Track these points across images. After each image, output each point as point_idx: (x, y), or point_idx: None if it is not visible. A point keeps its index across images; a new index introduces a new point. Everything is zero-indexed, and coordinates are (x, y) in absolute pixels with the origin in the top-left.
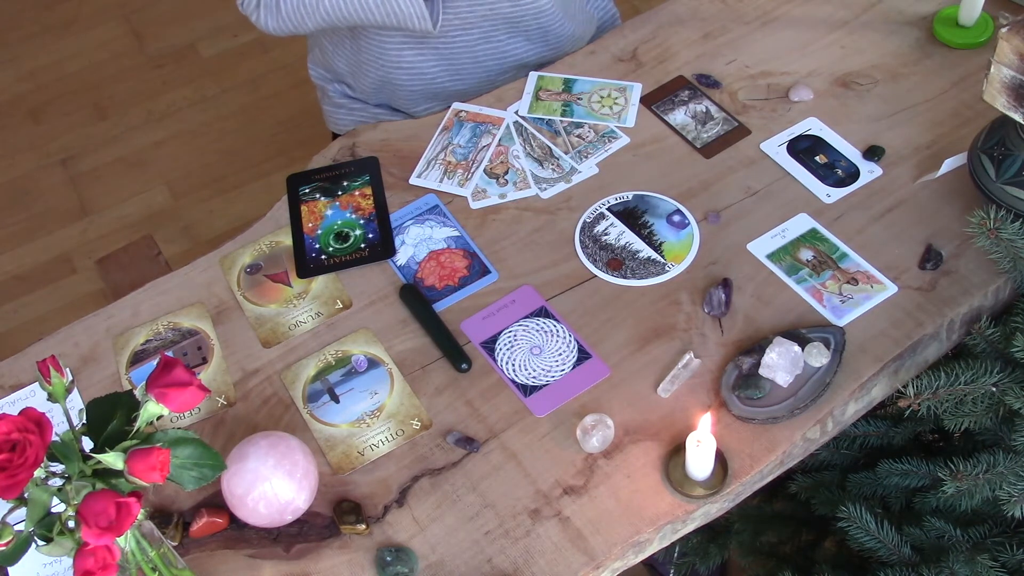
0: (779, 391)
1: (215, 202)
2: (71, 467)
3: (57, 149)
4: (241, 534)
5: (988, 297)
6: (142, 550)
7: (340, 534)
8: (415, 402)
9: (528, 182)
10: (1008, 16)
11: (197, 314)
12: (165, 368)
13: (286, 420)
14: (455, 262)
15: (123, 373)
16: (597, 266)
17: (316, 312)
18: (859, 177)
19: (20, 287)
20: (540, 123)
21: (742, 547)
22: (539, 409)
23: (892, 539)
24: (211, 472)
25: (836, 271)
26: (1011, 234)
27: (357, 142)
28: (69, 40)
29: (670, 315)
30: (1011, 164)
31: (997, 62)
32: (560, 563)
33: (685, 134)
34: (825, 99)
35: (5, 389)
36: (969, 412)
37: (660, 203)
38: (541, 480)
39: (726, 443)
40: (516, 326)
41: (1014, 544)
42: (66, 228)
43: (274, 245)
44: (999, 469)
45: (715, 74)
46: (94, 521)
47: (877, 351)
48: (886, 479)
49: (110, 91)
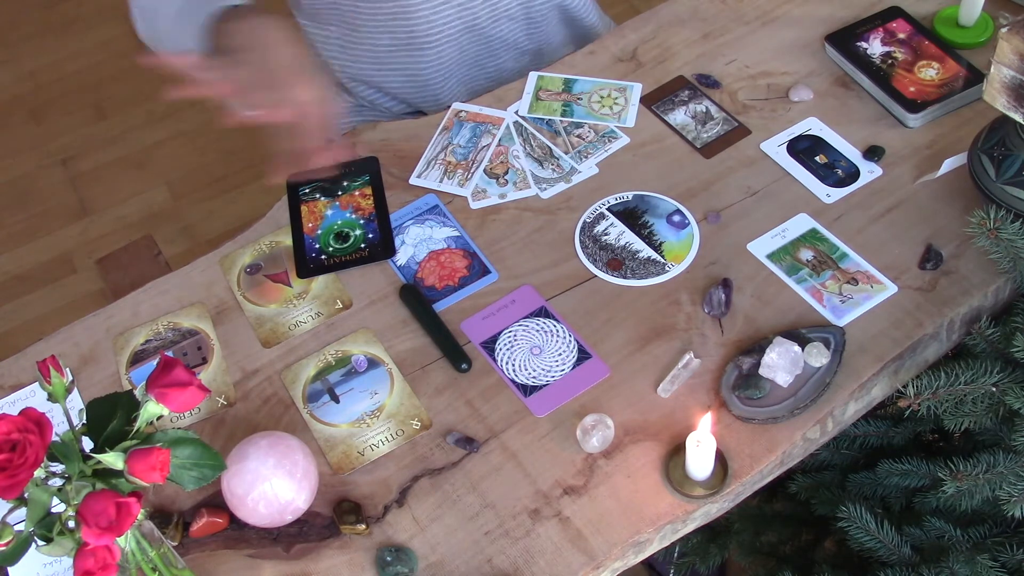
0: (779, 391)
1: (215, 202)
2: (71, 467)
3: (57, 149)
4: (241, 534)
5: (988, 297)
6: (142, 550)
7: (340, 534)
8: (415, 402)
9: (528, 182)
10: (1008, 16)
11: (197, 314)
12: (165, 368)
13: (286, 420)
14: (455, 262)
15: (123, 373)
16: (597, 266)
17: (316, 312)
18: (859, 177)
19: (20, 287)
20: (540, 123)
21: (742, 547)
22: (539, 409)
23: (892, 539)
24: (211, 472)
25: (836, 271)
26: (1011, 234)
27: (357, 142)
28: (69, 40)
29: (670, 315)
30: (1011, 164)
31: (997, 62)
32: (560, 563)
33: (685, 134)
34: (825, 99)
35: (5, 389)
36: (969, 412)
37: (660, 203)
38: (541, 480)
39: (726, 443)
40: (516, 326)
41: (1014, 544)
42: (66, 228)
43: (274, 245)
44: (999, 469)
45: (715, 74)
46: (94, 521)
47: (877, 351)
48: (886, 479)
49: (110, 91)
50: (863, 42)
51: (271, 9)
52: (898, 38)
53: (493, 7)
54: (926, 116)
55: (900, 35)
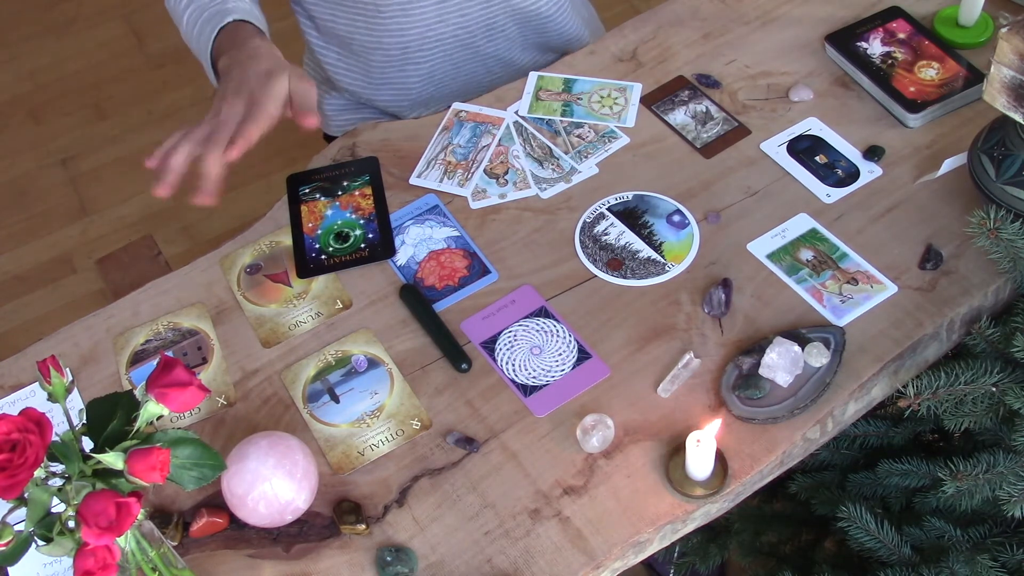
0: (779, 391)
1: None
2: (71, 467)
3: (57, 149)
4: (241, 534)
5: (988, 297)
6: (142, 550)
7: (340, 534)
8: (415, 402)
9: (528, 182)
10: (1008, 16)
11: (197, 314)
12: (165, 368)
13: (286, 420)
14: (455, 262)
15: (123, 373)
16: (597, 266)
17: (316, 312)
18: (859, 177)
19: (20, 287)
20: (540, 123)
21: (742, 547)
22: (539, 409)
23: (892, 539)
24: (211, 472)
25: (836, 271)
26: (1011, 234)
27: (357, 142)
28: (69, 40)
29: (670, 315)
30: (1011, 164)
31: (997, 62)
32: (560, 563)
33: (685, 134)
34: (825, 99)
35: (5, 389)
36: (969, 412)
37: (660, 203)
38: (541, 480)
39: (726, 443)
40: (516, 326)
41: (1014, 544)
42: (66, 228)
43: (274, 245)
44: (999, 469)
45: (715, 74)
46: (94, 521)
47: (877, 351)
48: (886, 479)
49: (110, 91)
50: (863, 42)
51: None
52: (898, 38)
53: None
54: (926, 116)
55: (900, 35)
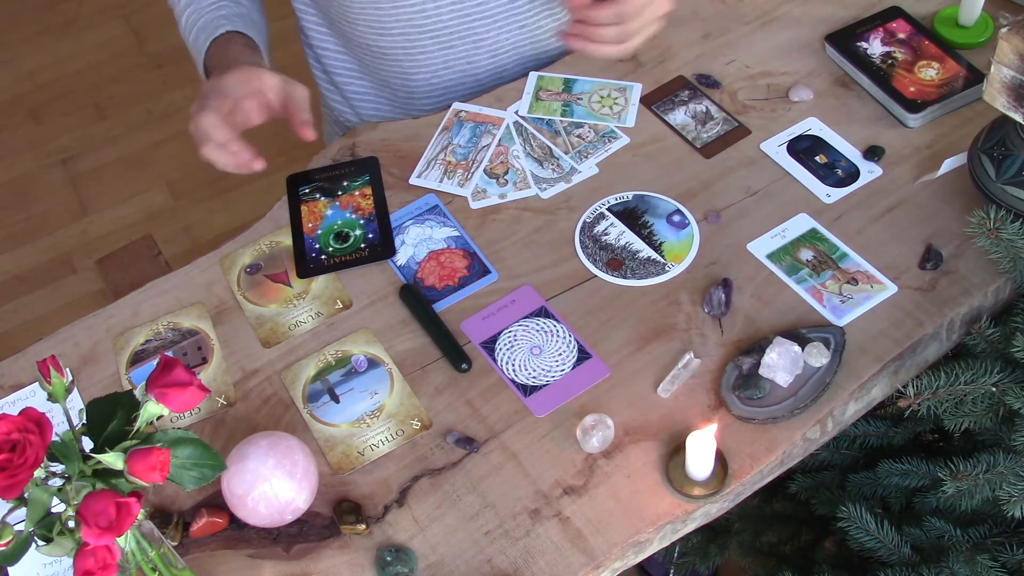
0: (779, 391)
1: (215, 202)
2: (71, 467)
3: (57, 149)
4: (241, 534)
5: (988, 297)
6: (142, 550)
7: (340, 534)
8: (415, 402)
9: (528, 182)
10: (1008, 16)
11: (197, 314)
12: (165, 368)
13: (286, 420)
14: (455, 262)
15: (123, 373)
16: (597, 266)
17: (316, 312)
18: (859, 177)
19: (20, 287)
20: (540, 123)
21: (742, 547)
22: (539, 409)
23: (892, 539)
24: (211, 472)
25: (836, 271)
26: (1011, 234)
27: (357, 142)
28: (69, 40)
29: (670, 315)
30: (1011, 164)
31: (997, 62)
32: (560, 563)
33: (685, 134)
34: (825, 99)
35: (5, 389)
36: (969, 412)
37: (660, 203)
38: (541, 480)
39: (726, 443)
40: (516, 326)
41: (1014, 544)
42: (66, 228)
43: (274, 245)
44: (999, 469)
45: (715, 74)
46: (94, 521)
47: (877, 351)
48: (886, 479)
49: (110, 91)
50: (863, 42)
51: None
52: (898, 38)
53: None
54: (926, 116)
55: (900, 35)
